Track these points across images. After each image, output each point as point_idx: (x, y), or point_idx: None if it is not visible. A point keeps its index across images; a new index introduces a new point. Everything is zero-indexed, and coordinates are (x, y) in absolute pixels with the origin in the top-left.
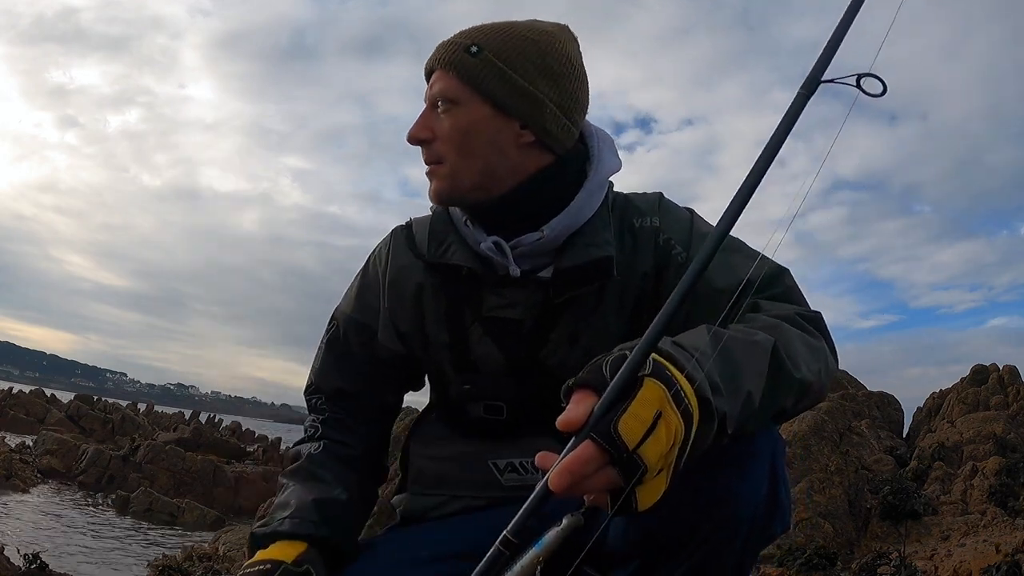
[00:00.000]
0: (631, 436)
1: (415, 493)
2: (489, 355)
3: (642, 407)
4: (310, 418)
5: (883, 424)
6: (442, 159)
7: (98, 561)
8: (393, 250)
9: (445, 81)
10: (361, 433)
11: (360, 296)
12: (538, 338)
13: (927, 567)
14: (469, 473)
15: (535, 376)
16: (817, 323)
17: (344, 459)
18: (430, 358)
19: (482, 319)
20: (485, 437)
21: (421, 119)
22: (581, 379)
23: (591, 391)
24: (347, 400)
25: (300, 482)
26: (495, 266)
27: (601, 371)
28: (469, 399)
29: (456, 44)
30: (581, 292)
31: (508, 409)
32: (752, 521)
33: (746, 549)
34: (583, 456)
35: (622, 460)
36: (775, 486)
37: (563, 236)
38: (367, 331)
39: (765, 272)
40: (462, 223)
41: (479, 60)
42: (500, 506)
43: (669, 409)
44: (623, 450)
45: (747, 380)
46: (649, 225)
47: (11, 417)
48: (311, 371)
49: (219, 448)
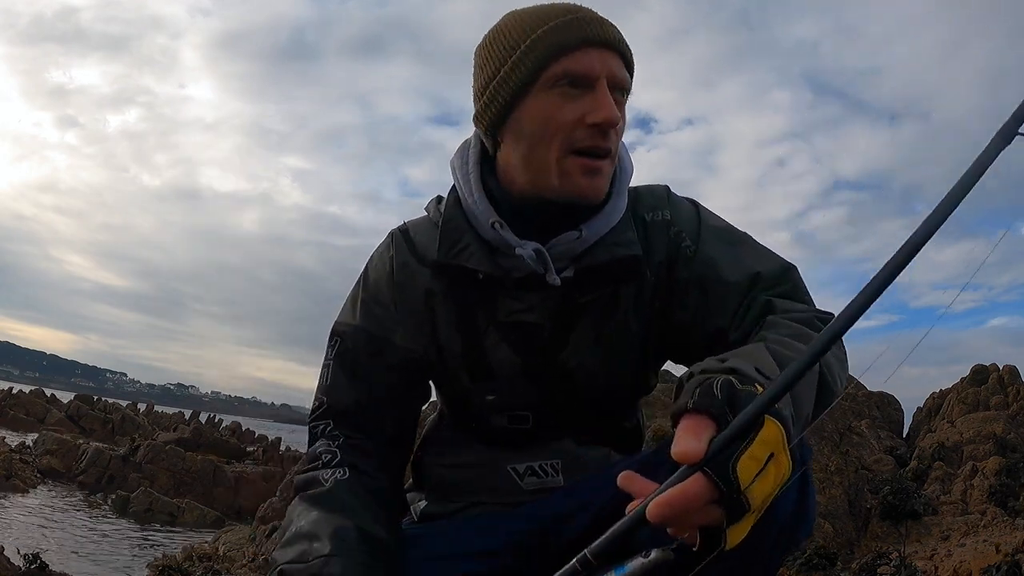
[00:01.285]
0: (746, 476)
1: (432, 500)
2: (506, 360)
3: (760, 448)
4: (322, 444)
5: (883, 424)
6: (614, 154)
7: (98, 561)
8: (396, 254)
9: (623, 71)
10: (382, 460)
11: (364, 306)
12: (558, 341)
13: (927, 567)
14: (488, 480)
15: (554, 380)
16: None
17: (372, 491)
18: (444, 365)
19: (497, 324)
20: (503, 443)
21: (611, 100)
22: (698, 403)
23: (708, 418)
24: (362, 420)
25: (331, 512)
26: (511, 269)
27: (714, 395)
28: (493, 410)
29: (618, 30)
30: (605, 292)
31: (533, 417)
32: (780, 527)
33: (773, 554)
34: (693, 491)
35: (731, 500)
36: (804, 492)
37: (596, 237)
38: (376, 341)
39: (773, 268)
40: (487, 225)
41: (632, 56)
42: (522, 505)
43: (782, 451)
44: (736, 490)
45: (805, 407)
46: (660, 219)
47: (11, 417)
48: (319, 391)
49: (219, 448)
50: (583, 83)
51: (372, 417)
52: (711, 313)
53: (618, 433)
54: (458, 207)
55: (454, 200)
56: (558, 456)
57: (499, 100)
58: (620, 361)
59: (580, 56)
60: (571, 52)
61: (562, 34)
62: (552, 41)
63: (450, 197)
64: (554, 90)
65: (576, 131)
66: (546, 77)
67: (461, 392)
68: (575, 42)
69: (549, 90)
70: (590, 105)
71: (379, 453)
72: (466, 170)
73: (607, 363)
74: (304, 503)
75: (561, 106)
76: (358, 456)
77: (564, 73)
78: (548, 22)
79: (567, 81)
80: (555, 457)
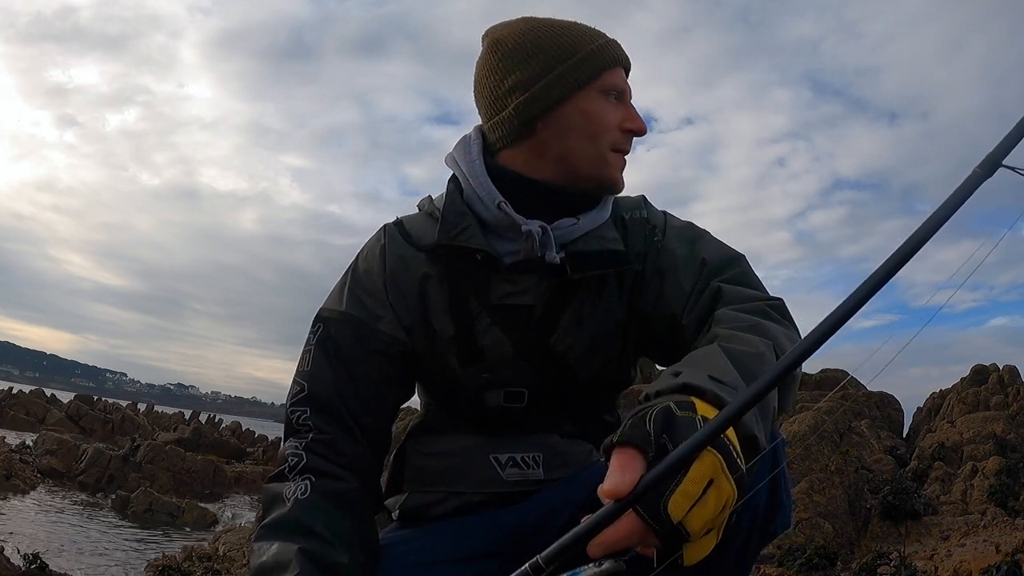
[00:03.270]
0: (678, 513)
1: (412, 491)
2: (496, 343)
3: (693, 484)
4: (290, 443)
5: (883, 424)
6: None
7: (98, 561)
8: (389, 244)
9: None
10: (353, 456)
11: (352, 293)
12: (548, 324)
13: (927, 567)
14: (470, 467)
15: (544, 362)
16: (783, 311)
17: (337, 498)
18: (435, 352)
19: (490, 307)
20: (488, 431)
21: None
22: (625, 437)
23: (637, 453)
24: (339, 409)
25: (292, 542)
26: (507, 253)
27: (645, 429)
28: (488, 387)
29: None
30: (593, 274)
31: (529, 395)
32: (752, 520)
33: (747, 548)
34: (625, 531)
35: (666, 534)
36: (776, 485)
37: (590, 227)
38: (362, 328)
39: (722, 255)
40: (493, 206)
41: None
42: (497, 504)
43: (723, 478)
44: (667, 526)
45: (771, 400)
46: (639, 216)
47: (11, 417)
48: (297, 376)
49: (219, 448)
50: (620, 96)
51: (350, 406)
52: (666, 301)
53: (600, 428)
54: (458, 193)
55: (454, 187)
56: (540, 449)
57: (552, 94)
58: (605, 346)
59: (618, 74)
60: (614, 68)
61: (613, 51)
62: (608, 55)
63: (450, 185)
64: (603, 96)
65: (615, 133)
66: (599, 84)
67: (452, 378)
68: (615, 62)
69: (600, 95)
70: (626, 114)
71: (350, 449)
72: (471, 158)
73: (592, 348)
74: (266, 532)
75: (609, 110)
76: (325, 454)
77: (612, 85)
78: (598, 40)
79: (613, 92)
80: (537, 450)
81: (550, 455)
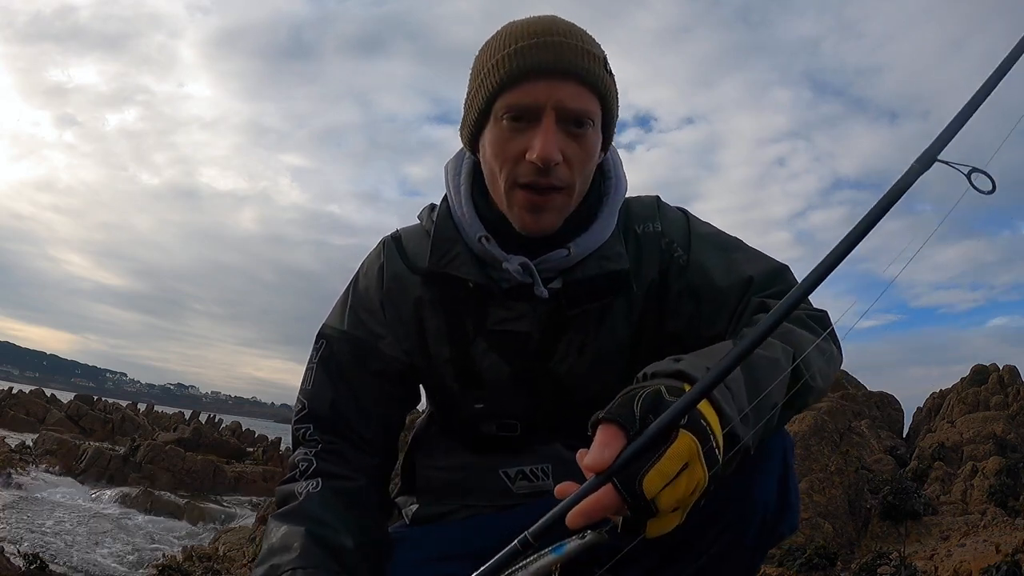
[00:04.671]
0: (652, 490)
1: (424, 503)
2: (494, 368)
3: (670, 463)
4: (300, 451)
5: (883, 424)
6: (569, 186)
7: (98, 561)
8: (387, 262)
9: (586, 99)
10: (361, 464)
11: (353, 311)
12: (546, 350)
13: (927, 567)
14: (480, 482)
15: (543, 386)
16: (824, 322)
17: (347, 496)
18: (433, 372)
19: (486, 333)
20: (495, 449)
21: (553, 137)
22: (611, 414)
23: (620, 430)
24: (342, 426)
25: (300, 525)
26: (500, 279)
27: (632, 408)
28: (482, 419)
29: (585, 52)
30: (594, 305)
31: (522, 426)
32: (762, 522)
33: (755, 549)
34: (602, 502)
35: (637, 508)
36: (785, 487)
37: (586, 253)
38: (362, 348)
39: (765, 270)
40: (475, 240)
41: (610, 79)
42: (512, 509)
43: (697, 463)
44: (640, 500)
45: (772, 399)
46: (652, 230)
47: (11, 417)
48: (301, 395)
49: (219, 448)
50: (529, 116)
51: (353, 422)
52: (707, 320)
53: None
54: (449, 217)
55: (446, 210)
56: (548, 460)
57: (468, 124)
58: (607, 369)
59: (527, 88)
60: (517, 84)
61: (509, 64)
62: (500, 73)
63: (442, 206)
64: (501, 122)
65: (519, 165)
66: (496, 109)
67: (450, 399)
68: (519, 74)
69: (498, 122)
70: (532, 140)
71: (358, 457)
72: (458, 182)
73: (595, 371)
74: (276, 520)
75: (508, 139)
76: (334, 461)
77: (507, 107)
78: (505, 48)
79: (511, 115)
80: (545, 461)
81: (558, 464)
